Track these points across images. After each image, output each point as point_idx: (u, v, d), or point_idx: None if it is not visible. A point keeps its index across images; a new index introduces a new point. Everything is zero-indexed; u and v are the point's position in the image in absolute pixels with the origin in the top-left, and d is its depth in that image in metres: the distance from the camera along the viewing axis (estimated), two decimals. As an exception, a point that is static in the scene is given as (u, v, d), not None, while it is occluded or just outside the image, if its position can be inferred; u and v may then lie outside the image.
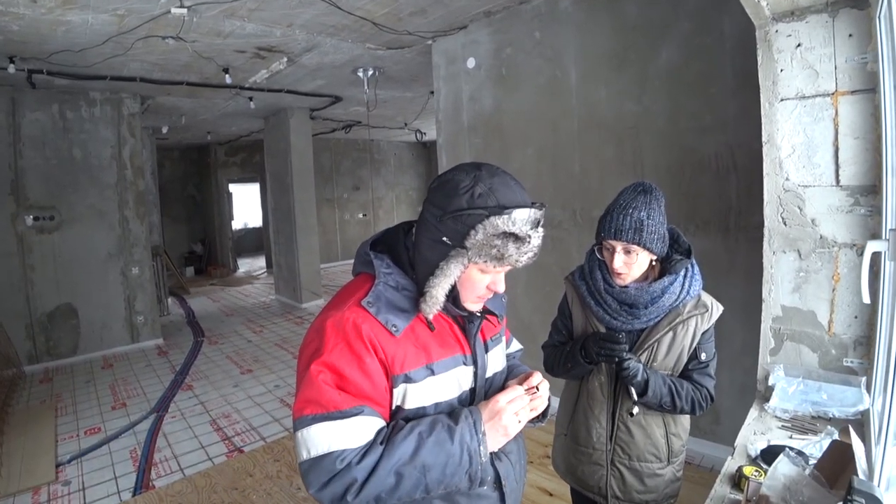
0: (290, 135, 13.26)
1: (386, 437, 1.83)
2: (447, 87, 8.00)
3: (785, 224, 3.31)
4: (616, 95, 5.93)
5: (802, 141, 3.23)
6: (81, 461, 6.24)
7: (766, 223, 3.40)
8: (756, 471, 2.43)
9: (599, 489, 3.00)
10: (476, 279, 1.94)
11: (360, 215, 21.80)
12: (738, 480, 2.47)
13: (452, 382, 2.02)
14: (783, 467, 2.20)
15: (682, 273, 2.74)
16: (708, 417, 5.42)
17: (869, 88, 2.99)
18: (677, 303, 2.74)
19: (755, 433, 2.91)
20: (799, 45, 3.20)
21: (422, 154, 23.80)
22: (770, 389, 3.24)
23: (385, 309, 1.91)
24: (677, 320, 2.75)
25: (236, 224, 23.05)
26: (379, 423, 1.85)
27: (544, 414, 2.20)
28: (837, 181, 3.11)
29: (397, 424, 1.88)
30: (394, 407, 1.93)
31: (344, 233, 21.24)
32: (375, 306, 1.90)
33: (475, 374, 2.10)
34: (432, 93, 8.92)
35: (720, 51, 5.03)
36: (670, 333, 2.77)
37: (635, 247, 2.65)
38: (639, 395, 2.74)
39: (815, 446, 2.61)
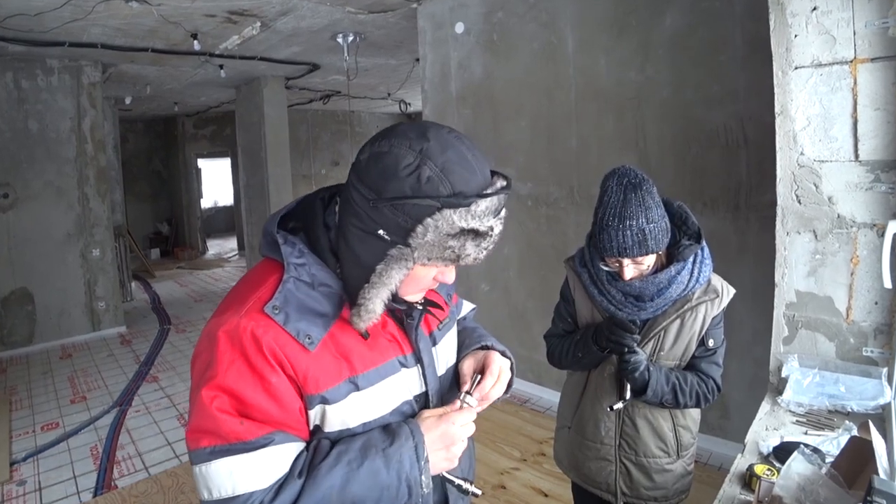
0: (263, 106, 13.19)
1: (306, 466, 1.59)
2: (434, 54, 7.97)
3: (799, 202, 3.29)
4: (616, 64, 5.92)
5: (818, 112, 3.19)
6: (38, 459, 6.22)
7: (778, 201, 3.38)
8: (768, 469, 2.41)
9: (608, 486, 3.00)
10: (420, 276, 1.66)
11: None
12: (748, 480, 2.45)
13: (390, 393, 1.75)
14: (797, 466, 2.18)
15: (691, 260, 2.72)
16: (716, 412, 5.45)
17: (891, 55, 2.96)
18: (686, 292, 2.73)
19: (767, 429, 2.90)
20: (815, 8, 3.16)
21: (406, 127, 23.70)
22: (783, 381, 3.24)
23: (296, 315, 1.60)
24: (686, 307, 2.74)
25: (205, 202, 23.02)
26: (295, 449, 1.60)
27: (507, 389, 1.99)
28: (856, 156, 3.09)
29: (319, 447, 1.64)
30: (311, 427, 1.68)
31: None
32: (283, 312, 1.58)
33: (422, 374, 1.85)
34: (418, 60, 8.91)
35: (729, 15, 5.01)
36: (678, 321, 2.76)
37: (643, 257, 2.62)
38: (634, 393, 2.75)
39: (833, 443, 2.60)
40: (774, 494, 2.11)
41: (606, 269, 2.77)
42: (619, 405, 2.79)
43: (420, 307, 1.83)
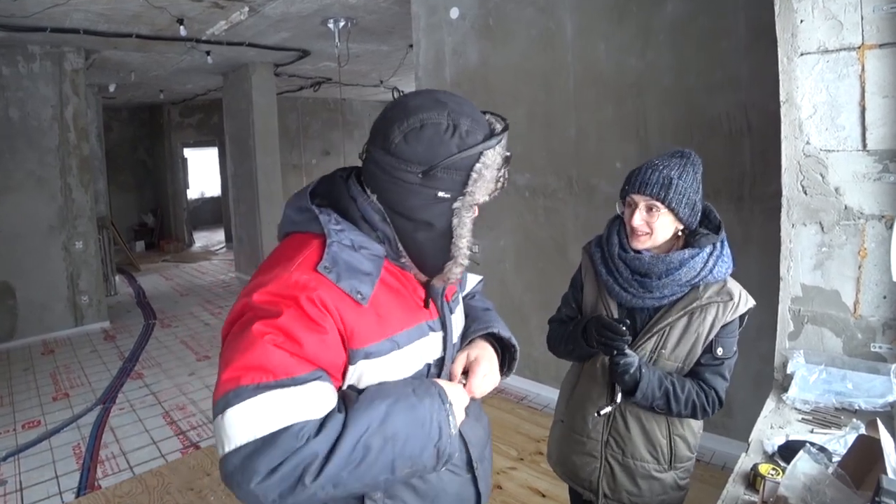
0: (251, 93, 13.15)
1: (342, 405, 1.67)
2: (428, 40, 7.95)
3: (805, 193, 3.29)
4: (616, 50, 5.91)
5: (825, 100, 3.19)
6: (19, 458, 6.21)
7: (784, 192, 3.38)
8: (773, 469, 2.41)
9: (590, 483, 2.97)
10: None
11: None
12: (752, 480, 2.45)
13: (420, 354, 1.91)
14: (803, 465, 2.18)
15: (708, 250, 2.68)
16: (719, 410, 5.40)
17: (900, 41, 2.97)
18: (696, 280, 2.68)
19: (772, 427, 2.91)
20: (822, -9, 3.17)
21: (399, 115, 23.66)
22: (789, 378, 3.23)
23: (346, 274, 1.73)
24: (694, 304, 2.69)
25: (192, 193, 22.94)
26: (335, 394, 1.68)
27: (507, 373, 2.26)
28: (864, 145, 3.09)
29: (348, 394, 1.73)
30: (345, 386, 1.78)
31: (312, 203, 21.17)
32: (335, 272, 1.71)
33: (444, 340, 2.01)
34: (411, 46, 8.89)
35: (732, 0, 5.00)
36: (684, 319, 2.71)
37: (659, 204, 2.61)
38: (624, 395, 2.72)
39: (840, 442, 2.60)
40: (779, 495, 2.11)
41: (620, 213, 2.84)
42: (607, 409, 2.77)
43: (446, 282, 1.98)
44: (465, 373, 2.01)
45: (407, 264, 1.91)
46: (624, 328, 2.62)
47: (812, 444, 2.47)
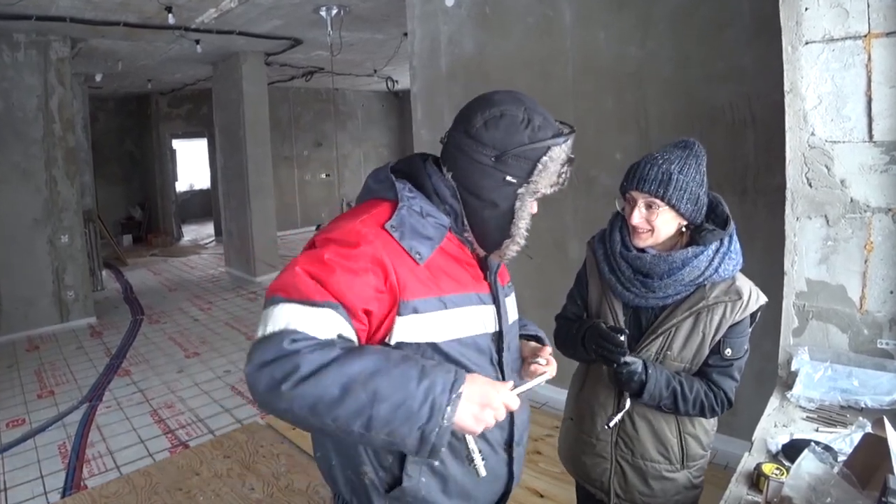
0: (242, 83, 13.13)
1: (347, 346, 1.79)
2: (423, 29, 7.92)
3: (810, 185, 3.29)
4: (616, 39, 5.90)
5: (830, 90, 3.19)
6: (3, 458, 6.20)
7: (788, 185, 3.37)
8: (777, 468, 2.41)
9: (602, 484, 2.96)
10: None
11: (323, 175, 21.81)
12: (756, 479, 2.44)
13: (471, 320, 2.10)
14: (808, 465, 2.18)
15: (714, 247, 2.64)
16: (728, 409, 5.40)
17: (907, 30, 2.96)
18: (701, 280, 2.65)
19: (776, 425, 2.90)
20: (827, -22, 3.17)
21: (393, 105, 23.76)
22: (793, 375, 3.23)
23: (409, 234, 1.97)
24: (701, 304, 2.66)
25: (180, 186, 22.98)
26: (348, 328, 1.82)
27: None
28: (870, 136, 3.08)
29: (367, 345, 1.90)
30: (395, 342, 1.94)
31: (304, 195, 21.22)
32: (399, 230, 1.95)
33: (498, 315, 2.20)
34: (406, 35, 8.87)
35: (736, -13, 4.99)
36: (691, 319, 2.69)
37: (658, 201, 2.59)
38: (631, 396, 2.72)
39: (845, 440, 2.59)
40: (784, 495, 2.11)
41: (620, 209, 2.82)
42: (617, 418, 2.78)
43: (500, 260, 2.23)
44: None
45: (469, 238, 2.15)
46: (621, 338, 2.59)
47: (817, 443, 2.48)
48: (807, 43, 3.22)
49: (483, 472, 1.94)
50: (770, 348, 3.64)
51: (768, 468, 2.41)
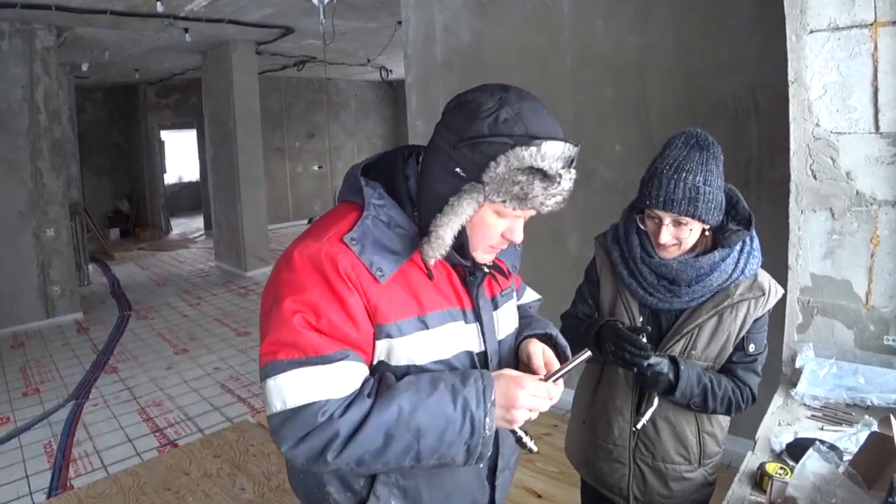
0: (232, 72, 13.12)
1: (374, 390, 1.81)
2: (417, 17, 7.90)
3: (815, 178, 3.28)
4: (615, 27, 5.89)
5: (836, 80, 3.17)
6: (-14, 457, 6.18)
7: (792, 177, 3.36)
8: (781, 468, 2.40)
9: (620, 489, 2.95)
10: (491, 223, 1.90)
11: (316, 167, 21.78)
12: (759, 480, 2.44)
13: (453, 339, 1.98)
14: (813, 464, 2.17)
15: (738, 248, 2.64)
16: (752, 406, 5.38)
17: (915, 18, 2.95)
18: (729, 283, 2.65)
19: (780, 424, 2.90)
20: (833, -35, 3.16)
21: (388, 95, 23.73)
22: (797, 373, 3.22)
23: (371, 248, 1.85)
24: (725, 303, 2.66)
25: (169, 178, 22.88)
26: (364, 370, 1.84)
27: None
28: (877, 127, 3.07)
29: (386, 376, 1.87)
30: (375, 362, 1.90)
31: (296, 187, 21.20)
32: (360, 244, 1.84)
33: (481, 333, 2.07)
34: (400, 23, 8.85)
35: (739, -26, 4.98)
36: (715, 318, 2.68)
37: (688, 219, 2.52)
38: (661, 395, 2.69)
39: (851, 439, 2.59)
40: (788, 495, 2.10)
41: (644, 227, 2.70)
42: (645, 419, 2.73)
43: (486, 269, 2.07)
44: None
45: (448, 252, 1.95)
46: (645, 341, 2.55)
47: (822, 442, 2.47)
48: (811, 31, 3.21)
49: (535, 448, 1.98)
50: (774, 345, 3.63)
51: (772, 468, 2.41)
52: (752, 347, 2.72)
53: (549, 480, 5.26)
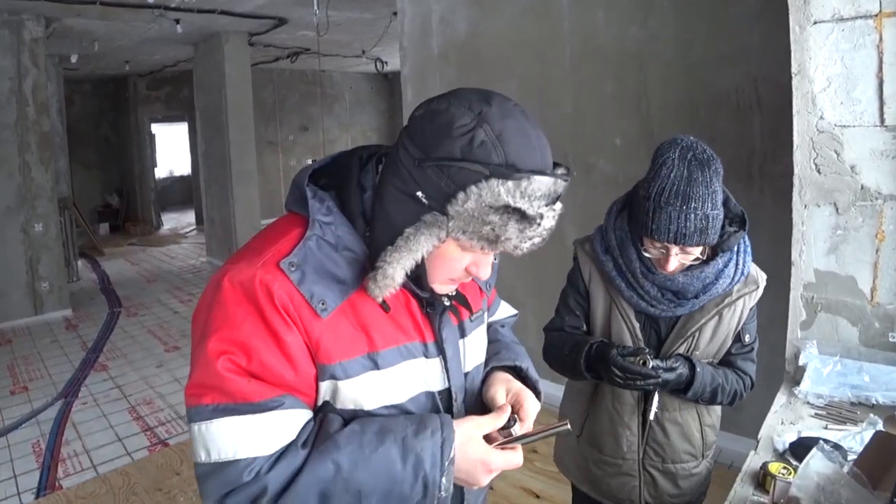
0: (224, 64, 13.10)
1: (312, 438, 1.59)
2: (413, 8, 7.89)
3: (819, 172, 3.28)
4: (616, 19, 5.88)
5: (840, 72, 3.17)
6: (-27, 456, 6.18)
7: (795, 171, 3.36)
8: (784, 468, 2.40)
9: (631, 501, 2.94)
10: (453, 257, 1.62)
11: (309, 161, 21.35)
12: (762, 480, 2.44)
13: (410, 379, 1.73)
14: (816, 464, 2.17)
15: (736, 248, 2.63)
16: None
17: (922, 8, 2.95)
18: (731, 286, 2.65)
19: (783, 423, 2.90)
20: (836, -45, 3.15)
21: (383, 87, 23.69)
22: (801, 370, 3.23)
23: (312, 277, 1.59)
24: (725, 302, 2.68)
25: (160, 172, 22.91)
26: (304, 416, 1.61)
27: None
28: (882, 120, 3.07)
29: (328, 419, 1.64)
30: (320, 402, 1.68)
31: (289, 182, 20.91)
32: (300, 270, 1.57)
33: (445, 368, 1.81)
34: (395, 14, 8.85)
35: (741, -36, 4.98)
36: (716, 318, 2.70)
37: (696, 247, 2.47)
38: (672, 393, 2.70)
39: (855, 438, 2.59)
40: (791, 496, 2.10)
41: (647, 255, 2.57)
42: (654, 411, 2.72)
43: (447, 303, 1.81)
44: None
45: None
46: (649, 365, 2.49)
47: (826, 441, 2.47)
48: (815, 22, 3.21)
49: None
50: (777, 342, 3.64)
51: (775, 468, 2.40)
52: (748, 338, 2.77)
53: (547, 480, 5.25)
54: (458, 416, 1.82)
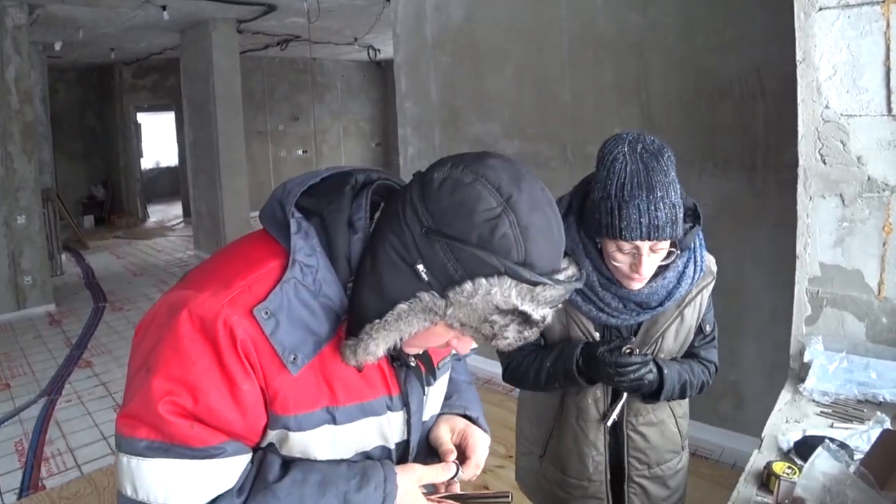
0: (212, 52, 13.07)
1: (249, 484, 1.51)
2: (407, -7, 7.88)
3: (824, 162, 3.27)
4: (615, 5, 5.88)
5: (846, 60, 3.16)
6: (-46, 456, 6.16)
7: (800, 161, 3.36)
8: (788, 468, 2.40)
9: None
10: (437, 334, 1.53)
11: (300, 152, 21.72)
12: (766, 479, 2.43)
13: (367, 435, 1.67)
14: (822, 463, 2.16)
15: (691, 245, 2.53)
16: (729, 402, 5.48)
17: (930, -6, 2.95)
18: (692, 285, 2.57)
19: (787, 421, 2.89)
20: (842, -62, 3.15)
21: (375, 76, 23.66)
22: (806, 367, 3.22)
23: (287, 327, 1.47)
24: (686, 301, 2.62)
25: (146, 163, 22.96)
26: (244, 461, 1.52)
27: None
28: (889, 109, 3.06)
29: (268, 462, 1.54)
30: (264, 444, 1.58)
31: (279, 173, 21.10)
32: (274, 320, 1.46)
33: (407, 422, 1.75)
34: (388, 0, 8.84)
35: (744, -51, 4.97)
36: (678, 319, 2.65)
37: (667, 242, 2.36)
38: (645, 398, 2.67)
39: (862, 437, 2.59)
40: (796, 496, 2.09)
41: (616, 264, 2.43)
42: (613, 416, 2.67)
43: (412, 363, 1.72)
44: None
45: None
46: (637, 357, 2.45)
47: (832, 439, 2.47)
48: (820, 9, 3.20)
49: None
50: (781, 338, 3.64)
51: (779, 467, 2.40)
52: (708, 328, 2.74)
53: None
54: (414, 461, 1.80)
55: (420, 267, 1.40)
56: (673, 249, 2.42)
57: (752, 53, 4.99)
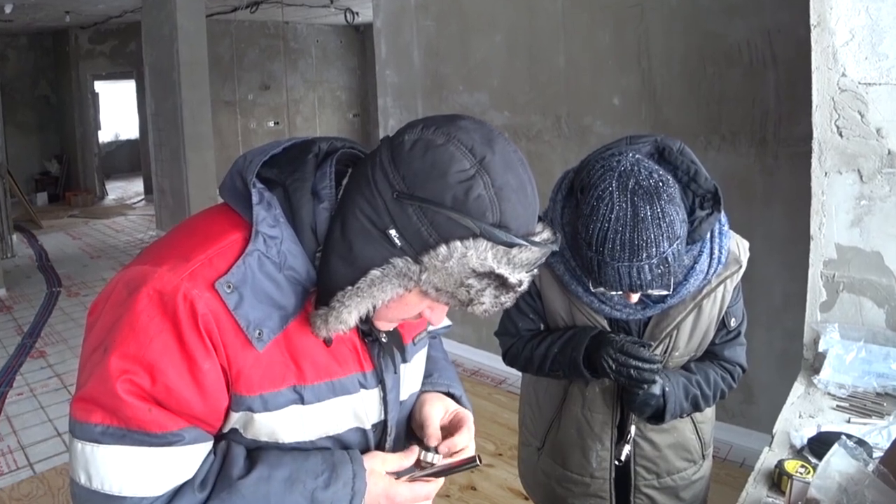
0: (176, 15, 12.97)
1: (212, 477, 1.55)
2: (387, -49, 7.85)
3: (840, 135, 3.26)
4: (614, -37, 5.84)
5: (864, 24, 3.14)
6: None
7: (815, 134, 3.34)
8: (802, 466, 2.40)
9: None
10: (410, 303, 1.57)
11: (272, 123, 21.65)
12: (777, 479, 2.44)
13: (339, 415, 1.70)
14: (838, 462, 2.16)
15: (708, 235, 2.45)
16: (738, 395, 5.48)
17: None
18: (706, 279, 2.50)
19: (801, 416, 2.90)
20: None
21: (353, 41, 23.58)
22: (821, 357, 3.23)
23: (251, 300, 1.51)
24: (704, 292, 2.54)
25: (104, 135, 22.90)
26: (205, 450, 1.56)
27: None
28: (911, 77, 3.06)
29: (232, 455, 1.58)
30: (226, 430, 1.62)
31: (249, 146, 20.96)
32: (237, 293, 1.49)
33: (383, 400, 1.79)
34: (367, -42, 8.83)
35: None
36: (695, 312, 2.58)
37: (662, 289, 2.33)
38: (648, 420, 2.60)
39: (881, 433, 2.60)
40: (810, 497, 2.09)
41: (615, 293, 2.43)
42: (627, 450, 2.67)
43: (383, 339, 1.76)
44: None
45: None
46: (655, 353, 2.47)
47: (849, 436, 2.46)
48: (837, -33, 3.19)
49: None
50: (794, 326, 3.64)
51: (791, 466, 2.41)
52: (733, 322, 2.66)
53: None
54: (392, 449, 1.84)
55: (392, 232, 1.44)
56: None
57: (762, 16, 4.97)
